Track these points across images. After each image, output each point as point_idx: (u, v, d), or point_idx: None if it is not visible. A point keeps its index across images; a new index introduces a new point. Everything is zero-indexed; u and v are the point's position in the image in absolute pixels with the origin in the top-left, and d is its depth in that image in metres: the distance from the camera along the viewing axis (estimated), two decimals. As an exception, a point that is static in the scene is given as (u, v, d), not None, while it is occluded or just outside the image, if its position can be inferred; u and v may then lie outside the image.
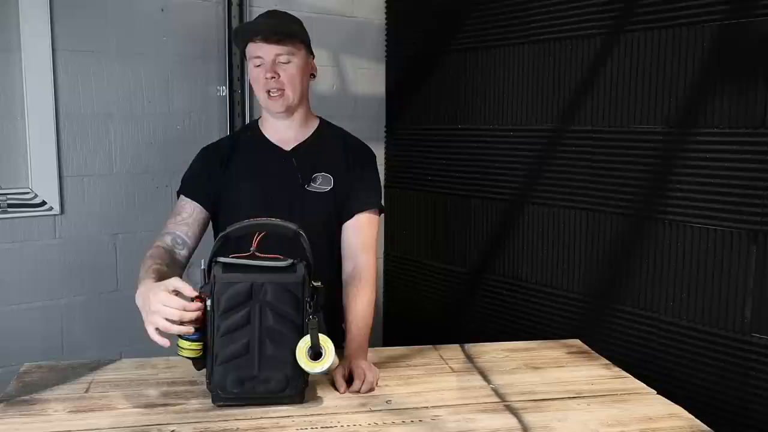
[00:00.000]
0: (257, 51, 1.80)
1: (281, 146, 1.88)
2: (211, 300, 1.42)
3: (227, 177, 1.86)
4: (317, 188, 1.85)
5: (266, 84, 1.80)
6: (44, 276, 2.44)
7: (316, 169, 1.86)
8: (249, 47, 1.82)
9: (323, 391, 1.53)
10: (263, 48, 1.79)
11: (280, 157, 1.87)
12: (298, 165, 1.86)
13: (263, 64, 1.80)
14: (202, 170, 1.89)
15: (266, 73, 1.79)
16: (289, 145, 1.89)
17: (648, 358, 2.21)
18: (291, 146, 1.89)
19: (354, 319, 1.72)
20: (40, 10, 2.32)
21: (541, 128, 2.52)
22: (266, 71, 1.79)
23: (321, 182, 1.85)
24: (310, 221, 1.69)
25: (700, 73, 2.06)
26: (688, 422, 1.44)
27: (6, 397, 1.49)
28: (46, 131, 2.38)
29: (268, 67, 1.79)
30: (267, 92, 1.81)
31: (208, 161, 1.90)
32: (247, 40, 1.82)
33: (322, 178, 1.86)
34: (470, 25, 2.76)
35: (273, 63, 1.79)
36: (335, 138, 1.94)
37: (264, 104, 1.85)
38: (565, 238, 2.46)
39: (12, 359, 2.19)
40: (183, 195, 1.87)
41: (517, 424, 1.41)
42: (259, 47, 1.79)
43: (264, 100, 1.84)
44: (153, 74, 2.59)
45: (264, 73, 1.79)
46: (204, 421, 1.39)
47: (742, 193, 1.98)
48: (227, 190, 1.86)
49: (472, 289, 2.84)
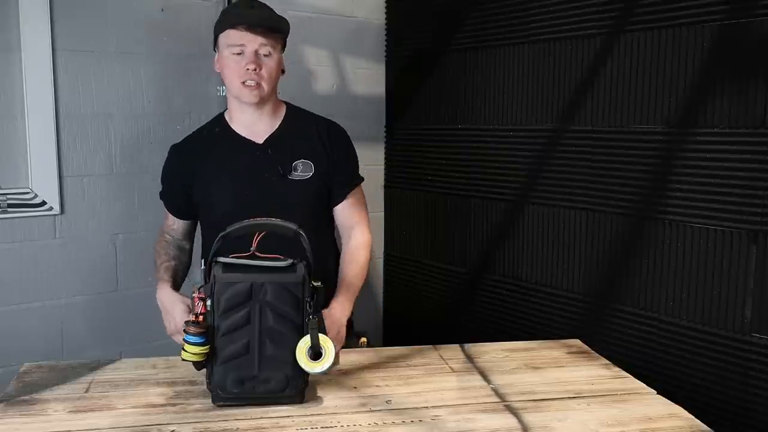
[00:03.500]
0: (239, 39, 1.78)
1: (253, 140, 1.88)
2: (211, 300, 1.42)
3: (201, 178, 1.89)
4: (299, 176, 1.86)
5: (245, 74, 1.78)
6: (44, 276, 2.44)
7: (295, 157, 1.87)
8: (229, 33, 1.80)
9: (323, 391, 1.53)
10: (247, 37, 1.77)
11: (254, 151, 1.87)
12: (276, 156, 1.86)
13: (243, 53, 1.78)
14: (177, 177, 1.95)
15: (248, 64, 1.77)
16: (260, 137, 1.89)
17: (648, 358, 2.21)
18: (263, 138, 1.89)
19: (346, 274, 1.86)
20: (40, 10, 2.32)
21: (541, 128, 2.52)
22: (248, 62, 1.77)
23: (302, 169, 1.86)
24: (296, 209, 1.77)
25: (700, 73, 2.06)
26: (688, 422, 1.44)
27: (6, 397, 1.49)
28: (46, 131, 2.38)
29: (250, 58, 1.78)
30: (242, 82, 1.80)
31: (183, 161, 1.94)
32: (231, 26, 1.79)
33: (303, 164, 1.87)
34: (470, 25, 2.76)
35: (255, 54, 1.78)
36: (306, 123, 1.95)
37: (236, 93, 1.83)
38: (565, 238, 2.46)
39: (12, 359, 2.19)
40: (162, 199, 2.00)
41: (517, 424, 1.41)
42: (243, 36, 1.77)
43: (237, 89, 1.81)
44: (153, 74, 2.59)
45: (245, 63, 1.77)
46: (204, 421, 1.39)
47: (742, 193, 1.98)
48: (202, 189, 1.89)
49: (472, 289, 2.84)
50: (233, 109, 1.91)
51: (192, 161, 1.91)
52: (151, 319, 2.59)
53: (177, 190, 1.94)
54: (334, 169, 1.90)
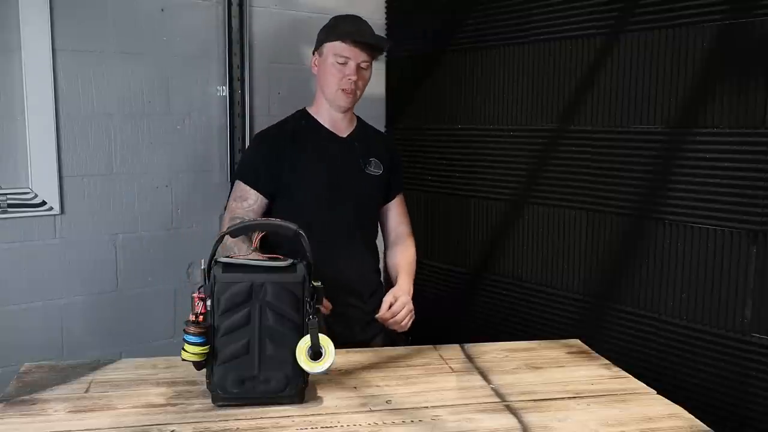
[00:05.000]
0: (347, 52, 1.98)
1: (338, 134, 2.10)
2: (211, 300, 1.42)
3: (294, 160, 2.02)
4: (372, 171, 2.12)
5: (346, 83, 2.00)
6: (44, 276, 2.43)
7: (370, 155, 2.13)
8: (337, 45, 1.99)
9: (323, 391, 1.53)
10: (354, 52, 1.99)
11: (340, 142, 2.09)
12: (359, 150, 2.10)
13: (347, 64, 1.99)
14: (263, 158, 2.06)
15: (351, 75, 1.99)
16: (343, 133, 2.11)
17: (648, 358, 2.21)
18: (346, 134, 2.11)
19: (402, 262, 2.16)
20: (40, 10, 2.32)
21: (541, 128, 2.52)
22: (351, 73, 1.99)
23: (374, 166, 2.13)
24: (367, 200, 2.12)
25: (700, 73, 2.06)
26: (688, 422, 1.44)
27: (6, 397, 1.49)
28: (46, 131, 2.38)
29: (353, 70, 1.99)
30: (341, 89, 2.01)
31: (269, 147, 2.07)
32: (341, 39, 1.98)
33: (375, 163, 2.13)
34: (470, 25, 2.76)
35: (358, 67, 2.00)
36: (373, 130, 2.25)
37: (333, 97, 2.04)
38: (565, 238, 2.46)
39: (12, 359, 2.19)
40: (244, 183, 2.04)
41: (517, 424, 1.41)
42: (351, 50, 1.98)
43: (334, 93, 2.03)
44: (153, 74, 2.58)
45: (348, 74, 1.99)
46: (204, 421, 1.39)
47: (742, 193, 1.98)
48: (294, 172, 2.02)
49: (472, 289, 2.84)
50: (320, 108, 2.11)
51: (283, 147, 2.05)
52: (151, 319, 2.60)
53: (266, 172, 2.03)
54: (392, 172, 2.19)
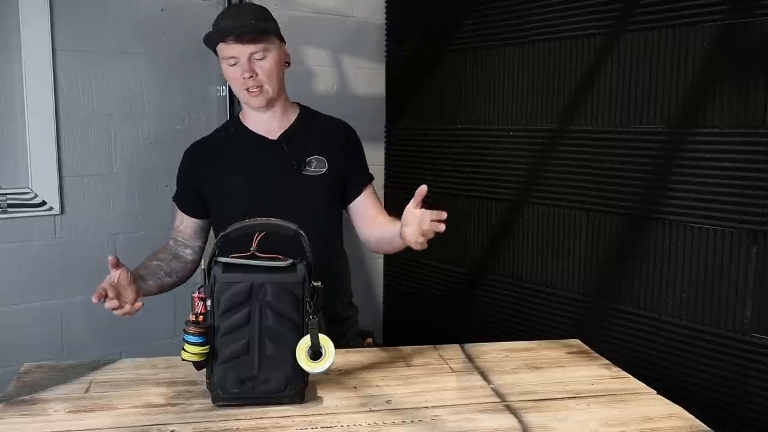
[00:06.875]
0: (230, 51, 1.81)
1: (268, 136, 1.92)
2: (211, 300, 1.42)
3: (217, 172, 1.91)
4: (313, 171, 1.90)
5: (244, 83, 1.83)
6: (44, 276, 2.44)
7: (308, 153, 1.91)
8: (220, 47, 1.84)
9: (323, 391, 1.53)
10: (237, 48, 1.80)
11: (269, 146, 1.91)
12: (290, 151, 1.89)
13: (238, 63, 1.81)
14: (181, 175, 1.98)
15: (243, 73, 1.81)
16: (274, 134, 1.92)
17: (648, 358, 2.21)
18: (277, 135, 1.92)
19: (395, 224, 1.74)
20: (40, 10, 2.32)
21: (541, 128, 2.52)
22: (243, 71, 1.81)
23: (316, 165, 1.90)
24: (309, 204, 1.85)
25: (700, 73, 2.06)
26: (688, 422, 1.44)
27: (6, 397, 1.49)
28: (46, 131, 2.38)
29: (245, 67, 1.81)
30: (246, 89, 1.84)
31: (188, 162, 1.97)
32: (221, 40, 1.82)
33: (316, 161, 1.90)
34: (470, 25, 2.76)
35: (248, 61, 1.81)
36: (320, 122, 2.00)
37: (244, 100, 1.89)
38: (565, 238, 2.46)
39: (12, 359, 2.19)
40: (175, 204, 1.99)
41: (517, 424, 1.41)
42: (232, 48, 1.81)
43: (244, 97, 1.87)
44: (153, 74, 2.59)
45: (241, 73, 1.81)
46: (204, 421, 1.39)
47: (742, 193, 1.98)
48: (215, 184, 1.90)
49: (472, 289, 2.84)
50: (246, 111, 1.95)
51: (202, 162, 1.94)
52: (151, 319, 2.60)
53: (188, 190, 1.97)
54: (350, 165, 1.95)
